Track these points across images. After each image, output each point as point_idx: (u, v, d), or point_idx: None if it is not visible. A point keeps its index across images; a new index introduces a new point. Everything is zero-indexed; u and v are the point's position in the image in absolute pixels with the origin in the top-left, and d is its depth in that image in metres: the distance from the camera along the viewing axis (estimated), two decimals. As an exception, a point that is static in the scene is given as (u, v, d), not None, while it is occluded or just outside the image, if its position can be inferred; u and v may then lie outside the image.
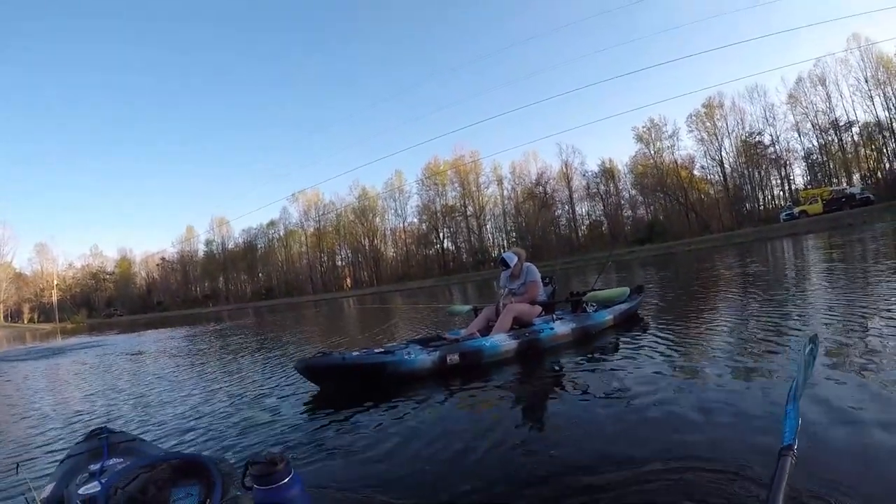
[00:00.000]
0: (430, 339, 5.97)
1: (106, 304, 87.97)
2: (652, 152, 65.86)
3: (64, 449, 3.50)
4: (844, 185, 49.53)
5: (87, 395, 6.77)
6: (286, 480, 1.27)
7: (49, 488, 2.10)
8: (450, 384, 4.86)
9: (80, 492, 1.94)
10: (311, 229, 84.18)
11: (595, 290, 7.18)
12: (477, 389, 4.60)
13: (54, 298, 75.48)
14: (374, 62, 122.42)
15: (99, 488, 1.84)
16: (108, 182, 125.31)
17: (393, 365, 5.01)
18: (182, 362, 9.80)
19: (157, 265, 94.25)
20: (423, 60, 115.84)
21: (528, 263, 6.51)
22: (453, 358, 5.19)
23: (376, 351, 5.37)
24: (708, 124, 62.98)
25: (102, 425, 2.78)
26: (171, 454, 2.04)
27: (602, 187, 70.61)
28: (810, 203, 43.16)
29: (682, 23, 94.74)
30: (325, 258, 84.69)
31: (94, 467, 2.18)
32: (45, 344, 23.91)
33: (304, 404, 4.73)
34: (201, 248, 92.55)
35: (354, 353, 5.22)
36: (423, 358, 5.11)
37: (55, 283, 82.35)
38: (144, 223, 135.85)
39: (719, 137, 62.61)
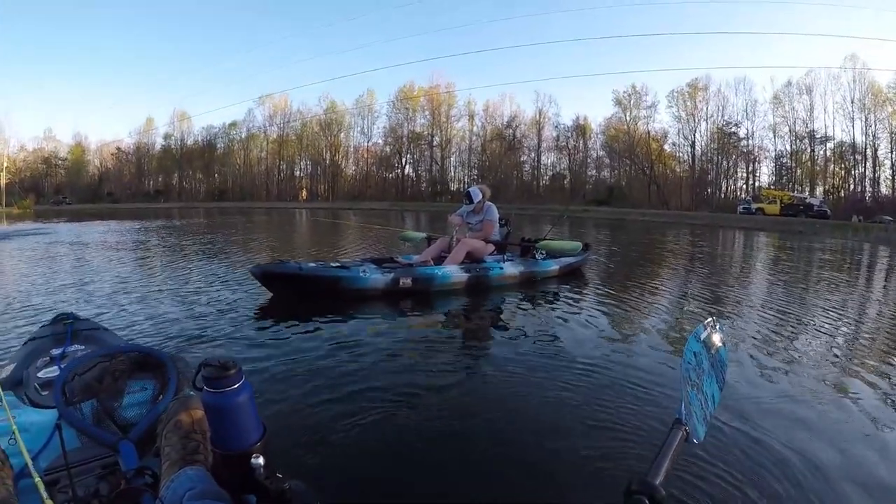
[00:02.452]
0: (384, 260, 6.17)
1: (55, 190, 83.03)
2: (628, 118, 65.67)
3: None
4: (806, 194, 50.28)
5: (38, 284, 6.49)
6: (236, 386, 1.28)
7: (9, 368, 2.14)
8: (400, 307, 5.11)
9: (40, 374, 2.01)
10: (274, 135, 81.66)
11: (548, 239, 7.44)
12: (425, 315, 4.89)
13: (2, 182, 71.82)
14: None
15: (57, 372, 1.87)
16: (68, 62, 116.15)
17: (348, 280, 5.19)
18: (135, 257, 9.71)
19: (112, 155, 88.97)
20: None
21: (490, 203, 6.69)
22: (406, 281, 5.41)
23: (332, 265, 5.55)
24: (688, 104, 62.88)
25: (69, 311, 2.80)
26: (132, 346, 2.05)
27: (571, 142, 70.48)
28: (769, 203, 43.87)
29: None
30: (284, 167, 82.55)
31: (55, 352, 2.24)
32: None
33: (258, 310, 4.85)
34: (159, 142, 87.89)
35: (311, 265, 5.38)
36: (378, 277, 5.30)
37: (4, 165, 78.46)
38: (103, 110, 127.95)
39: (696, 119, 62.80)
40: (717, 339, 1.45)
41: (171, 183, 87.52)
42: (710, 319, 1.47)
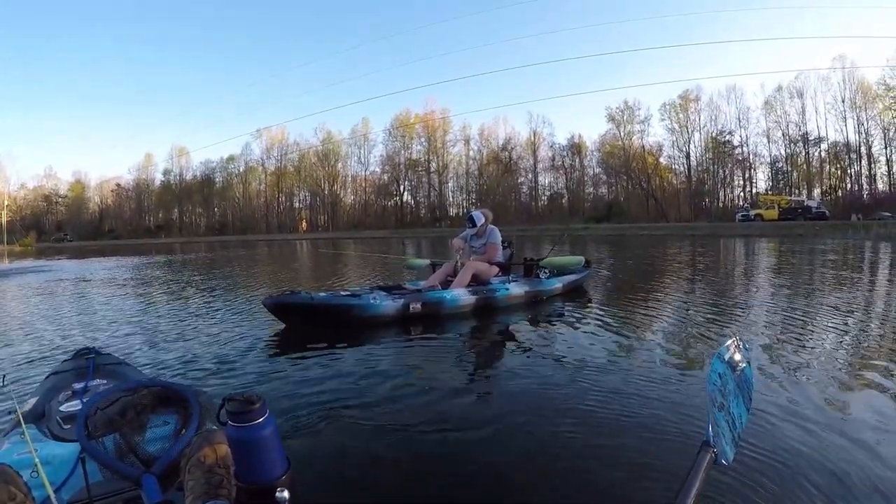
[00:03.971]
0: (392, 287, 6.24)
1: (56, 228, 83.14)
2: (622, 134, 66.30)
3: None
4: (804, 196, 50.49)
5: (53, 320, 6.66)
6: (260, 420, 1.26)
7: (32, 402, 2.14)
8: (411, 332, 5.18)
9: (62, 408, 2.02)
10: (272, 168, 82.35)
11: (551, 257, 7.58)
12: (438, 339, 4.93)
13: (3, 220, 71.82)
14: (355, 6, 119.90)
15: (80, 407, 1.86)
16: (67, 100, 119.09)
17: (360, 308, 5.28)
18: (147, 293, 9.79)
19: (112, 191, 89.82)
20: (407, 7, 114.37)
21: (492, 226, 6.81)
22: (416, 307, 5.51)
23: (343, 293, 5.66)
24: (681, 116, 63.68)
25: (91, 346, 2.84)
26: (154, 381, 2.01)
27: (568, 161, 70.99)
28: (767, 208, 44.05)
29: (674, 12, 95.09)
30: (284, 199, 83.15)
31: (77, 386, 2.25)
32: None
33: (272, 341, 4.90)
34: (158, 177, 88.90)
35: (322, 294, 5.48)
36: (388, 304, 5.39)
37: (6, 203, 78.55)
38: (102, 147, 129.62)
39: (690, 130, 63.58)
40: (741, 358, 1.46)
41: (171, 218, 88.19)
42: (733, 339, 1.47)
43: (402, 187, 77.54)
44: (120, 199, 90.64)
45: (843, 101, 54.98)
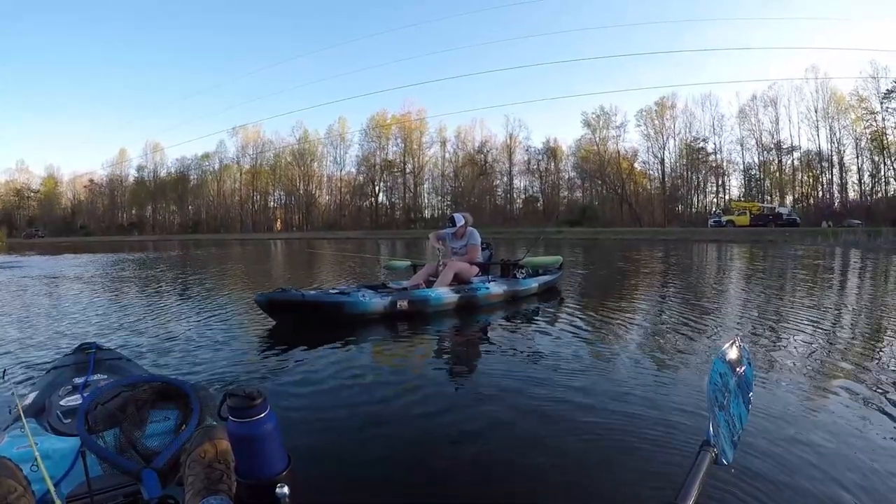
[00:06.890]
0: (377, 286, 6.44)
1: (28, 223, 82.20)
2: (597, 139, 67.00)
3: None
4: (776, 204, 51.47)
5: (44, 316, 6.73)
6: (262, 416, 1.33)
7: (32, 396, 2.15)
8: (398, 329, 5.37)
9: (62, 402, 2.01)
10: (247, 166, 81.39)
11: (529, 257, 7.98)
12: (424, 336, 5.14)
13: (-27, 215, 70.22)
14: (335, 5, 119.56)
15: (80, 401, 1.88)
16: (41, 93, 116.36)
17: (350, 305, 5.47)
18: (130, 291, 9.75)
19: (85, 187, 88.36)
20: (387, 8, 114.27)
21: (472, 228, 7.11)
22: (403, 304, 5.74)
23: (332, 291, 5.84)
24: (657, 122, 64.81)
25: (92, 340, 2.88)
26: (154, 377, 2.00)
27: (543, 165, 71.58)
28: (739, 214, 44.87)
29: (656, 19, 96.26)
30: (258, 197, 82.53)
31: (78, 380, 2.25)
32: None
33: (265, 338, 4.97)
34: (132, 174, 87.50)
35: (312, 292, 5.68)
36: (377, 301, 5.61)
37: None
38: (75, 142, 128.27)
39: (665, 137, 64.65)
40: (742, 359, 1.48)
41: (144, 215, 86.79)
42: (734, 340, 1.52)
43: (377, 188, 77.55)
44: (93, 195, 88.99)
45: (816, 111, 56.44)
